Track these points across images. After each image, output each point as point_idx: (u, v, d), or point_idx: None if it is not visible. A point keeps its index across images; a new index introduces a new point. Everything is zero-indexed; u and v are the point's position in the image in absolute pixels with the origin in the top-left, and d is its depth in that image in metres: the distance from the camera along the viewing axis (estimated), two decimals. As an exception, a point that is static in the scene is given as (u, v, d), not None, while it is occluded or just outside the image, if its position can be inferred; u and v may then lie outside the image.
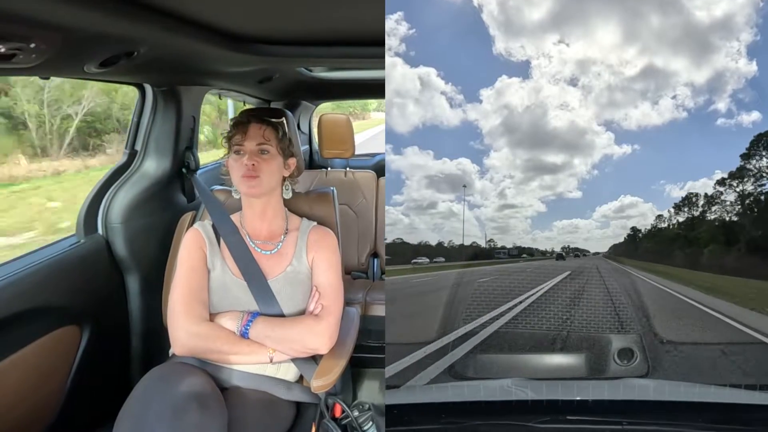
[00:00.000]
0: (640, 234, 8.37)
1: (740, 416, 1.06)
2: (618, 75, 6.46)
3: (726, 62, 5.87)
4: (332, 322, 1.59)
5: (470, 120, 7.06)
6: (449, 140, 7.25)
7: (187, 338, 1.51)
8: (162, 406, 1.23)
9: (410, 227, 6.36)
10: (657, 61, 6.27)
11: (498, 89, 7.06)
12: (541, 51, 5.97)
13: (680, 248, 7.20)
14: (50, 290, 1.68)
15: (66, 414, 1.73)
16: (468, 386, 1.46)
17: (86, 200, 1.95)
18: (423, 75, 5.58)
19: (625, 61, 6.29)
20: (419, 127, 6.37)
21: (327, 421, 1.52)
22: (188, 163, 2.27)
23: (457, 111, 6.83)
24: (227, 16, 1.47)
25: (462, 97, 6.78)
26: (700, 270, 6.11)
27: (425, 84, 6.02)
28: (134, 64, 1.56)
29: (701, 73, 6.36)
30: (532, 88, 6.85)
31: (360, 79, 3.46)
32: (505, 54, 6.03)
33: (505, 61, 5.96)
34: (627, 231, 8.36)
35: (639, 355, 1.60)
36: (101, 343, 1.86)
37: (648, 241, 8.17)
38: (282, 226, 1.73)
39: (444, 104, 6.81)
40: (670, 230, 7.73)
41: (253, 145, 1.61)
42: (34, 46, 1.12)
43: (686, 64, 6.34)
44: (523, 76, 6.61)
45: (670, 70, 6.40)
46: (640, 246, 8.31)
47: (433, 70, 6.09)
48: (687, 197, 7.39)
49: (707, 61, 6.13)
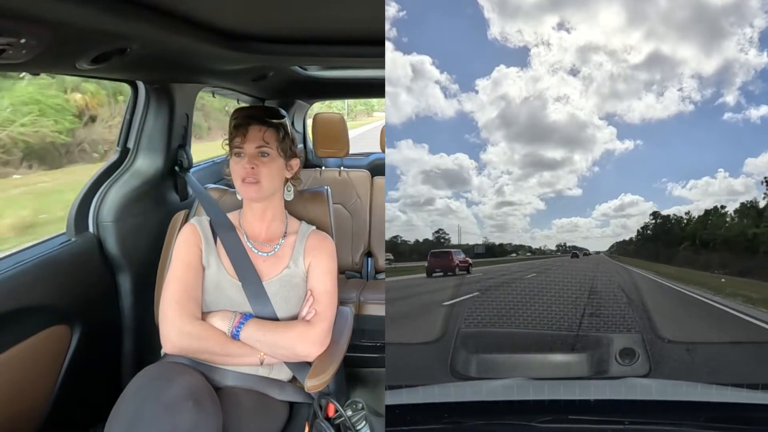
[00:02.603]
0: (641, 233, 8.38)
1: (742, 416, 1.06)
2: (621, 63, 6.21)
3: (737, 51, 5.62)
4: (324, 329, 1.58)
5: (466, 111, 6.91)
6: (444, 133, 7.09)
7: (178, 337, 1.49)
8: (157, 406, 1.22)
9: (408, 224, 6.29)
10: (664, 48, 6.01)
11: (495, 79, 6.88)
12: (540, 37, 5.76)
13: (680, 248, 7.20)
14: (40, 289, 1.66)
15: (56, 415, 1.71)
16: (470, 386, 1.47)
17: (77, 198, 1.93)
18: (416, 63, 5.38)
19: (629, 47, 6.02)
20: (412, 118, 6.17)
21: (320, 420, 1.52)
22: (181, 161, 2.26)
23: (452, 102, 6.67)
24: (221, 13, 1.46)
25: (457, 87, 6.60)
26: (701, 270, 6.10)
27: (418, 72, 5.82)
28: (126, 61, 1.55)
29: (710, 63, 6.11)
30: (530, 77, 6.65)
31: (355, 78, 3.46)
32: (500, 39, 5.81)
33: (501, 47, 5.75)
34: (627, 230, 8.36)
35: (641, 354, 1.60)
36: (92, 342, 1.84)
37: (648, 241, 8.18)
38: (281, 228, 1.71)
39: (438, 94, 6.64)
40: (670, 230, 7.71)
41: (252, 147, 1.58)
42: (24, 42, 1.10)
43: (694, 52, 6.07)
44: (520, 65, 6.42)
45: (678, 58, 6.13)
46: (639, 245, 8.32)
47: (427, 58, 5.90)
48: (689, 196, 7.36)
49: (717, 49, 5.86)
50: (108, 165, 2.07)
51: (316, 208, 1.86)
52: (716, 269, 5.82)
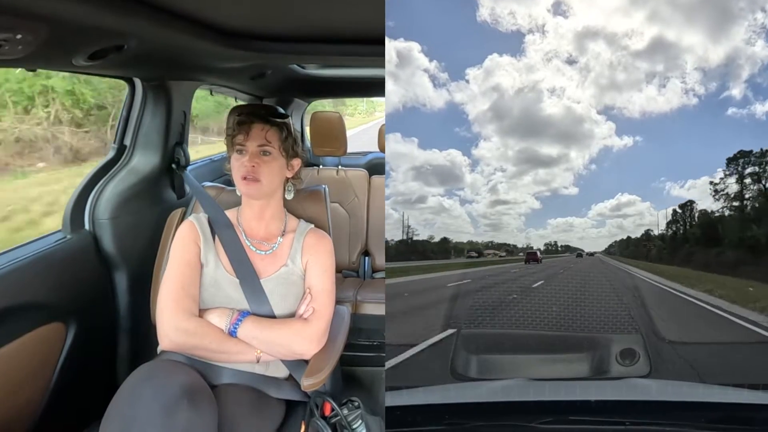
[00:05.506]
0: (638, 233, 8.32)
1: (743, 416, 1.05)
2: (622, 51, 5.86)
3: (746, 38, 5.25)
4: (321, 327, 1.58)
5: (456, 103, 6.72)
6: (433, 126, 6.90)
7: (175, 334, 1.49)
8: (152, 404, 1.21)
9: (400, 223, 6.19)
10: (668, 34, 5.62)
11: (486, 68, 6.61)
12: (534, 21, 5.46)
13: (680, 248, 7.14)
14: (35, 287, 1.65)
15: (50, 413, 1.70)
16: (470, 387, 1.47)
17: (73, 195, 1.92)
18: (402, 49, 5.13)
19: (630, 31, 5.64)
20: (399, 109, 5.97)
21: (317, 419, 1.51)
22: (178, 159, 2.25)
23: (441, 91, 6.46)
24: (219, 10, 1.45)
25: (446, 76, 6.39)
26: (701, 270, 6.04)
27: (404, 59, 5.59)
28: (124, 58, 1.54)
29: (717, 51, 5.76)
30: (524, 66, 6.39)
31: (353, 77, 3.46)
32: (491, 21, 5.54)
33: (492, 31, 5.49)
34: (623, 230, 8.29)
35: (641, 355, 1.60)
36: (87, 340, 1.83)
37: (646, 241, 8.12)
38: (280, 227, 1.71)
39: (426, 83, 6.41)
40: (669, 230, 7.63)
41: (254, 146, 1.58)
42: (20, 38, 1.10)
43: (701, 38, 5.69)
44: (514, 52, 6.17)
45: (683, 45, 5.74)
46: (638, 245, 8.26)
47: (415, 45, 5.66)
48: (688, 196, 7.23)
49: (725, 35, 5.49)
50: (104, 162, 2.06)
51: (313, 207, 1.85)
52: (716, 269, 5.78)
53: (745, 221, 6.06)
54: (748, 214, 6.04)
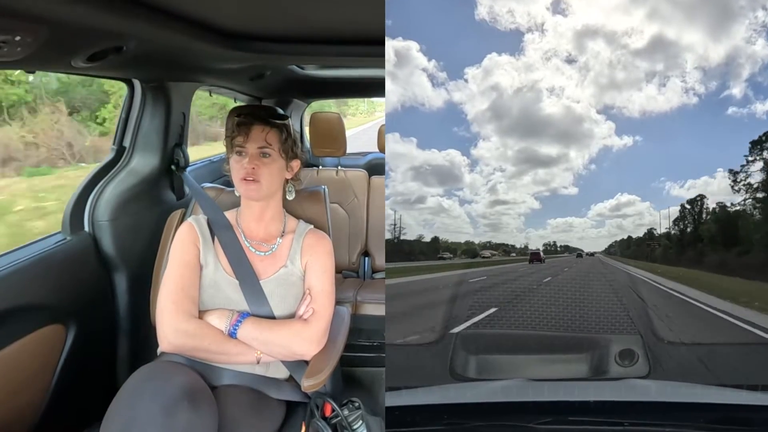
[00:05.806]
0: (639, 233, 8.26)
1: (742, 417, 1.05)
2: (621, 48, 5.80)
3: (746, 37, 5.18)
4: (321, 327, 1.58)
5: (455, 102, 6.66)
6: (432, 125, 6.82)
7: (175, 335, 1.49)
8: (152, 405, 1.21)
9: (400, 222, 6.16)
10: (668, 32, 5.56)
11: (485, 68, 6.53)
12: (533, 19, 5.39)
13: (679, 248, 7.07)
14: (35, 288, 1.65)
15: (51, 415, 1.70)
16: (470, 387, 1.46)
17: (73, 197, 1.92)
18: (400, 48, 5.04)
19: (630, 29, 5.58)
20: (398, 108, 5.91)
21: (317, 420, 1.51)
22: (178, 160, 2.24)
23: (439, 91, 6.38)
24: (218, 11, 1.45)
25: (445, 75, 6.32)
26: (701, 270, 5.96)
27: (402, 57, 5.51)
28: (123, 60, 1.54)
29: (717, 50, 5.70)
30: (523, 65, 6.32)
31: (353, 77, 3.45)
32: (489, 20, 5.47)
33: (491, 30, 5.41)
34: (622, 230, 8.26)
35: (640, 355, 1.60)
36: (87, 342, 1.83)
37: (645, 241, 8.06)
38: (279, 228, 1.71)
39: (425, 83, 6.34)
40: (676, 227, 7.53)
41: (254, 147, 1.58)
42: (19, 39, 1.10)
43: (701, 37, 5.62)
44: (512, 51, 6.09)
45: (683, 43, 5.68)
46: (637, 245, 8.21)
47: (413, 44, 5.59)
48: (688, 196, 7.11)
49: (726, 34, 5.42)
50: (104, 164, 2.06)
51: (313, 208, 1.85)
52: (717, 269, 5.71)
53: (748, 221, 5.90)
54: (751, 213, 5.89)
